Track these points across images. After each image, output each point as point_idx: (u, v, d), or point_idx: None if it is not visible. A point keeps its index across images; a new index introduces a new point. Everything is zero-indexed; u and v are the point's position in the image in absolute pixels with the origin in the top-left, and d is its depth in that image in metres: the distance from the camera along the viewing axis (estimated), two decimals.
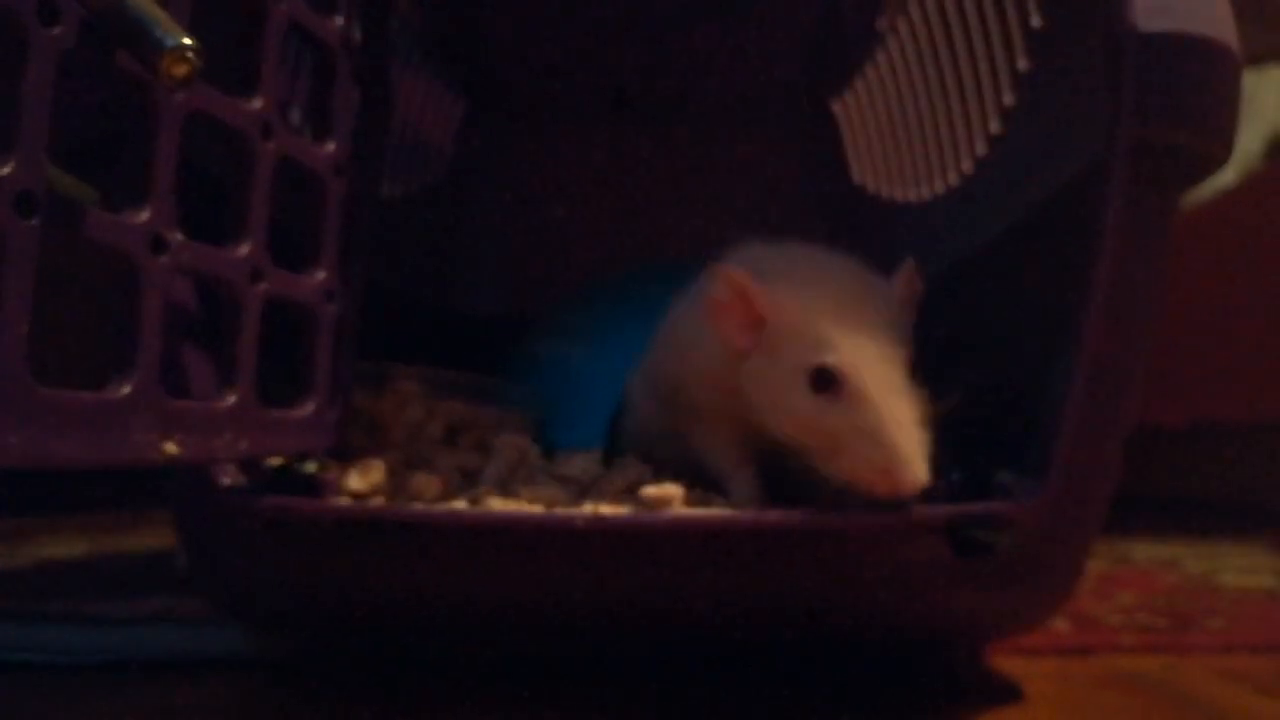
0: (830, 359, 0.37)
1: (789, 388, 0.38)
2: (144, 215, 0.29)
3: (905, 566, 0.37)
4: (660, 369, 0.50)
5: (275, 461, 0.38)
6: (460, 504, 0.40)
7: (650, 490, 0.40)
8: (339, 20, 0.40)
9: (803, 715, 0.36)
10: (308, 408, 0.39)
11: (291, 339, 0.39)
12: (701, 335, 0.42)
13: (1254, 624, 0.52)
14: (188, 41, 0.26)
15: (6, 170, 0.23)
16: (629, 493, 0.44)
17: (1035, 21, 0.50)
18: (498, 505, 0.39)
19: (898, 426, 0.36)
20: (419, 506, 0.40)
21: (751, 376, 0.40)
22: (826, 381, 0.37)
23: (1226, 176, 0.96)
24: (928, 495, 0.40)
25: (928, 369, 0.39)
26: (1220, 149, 0.36)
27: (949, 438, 0.40)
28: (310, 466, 0.38)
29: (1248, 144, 0.97)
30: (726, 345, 0.41)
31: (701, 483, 0.43)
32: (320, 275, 0.39)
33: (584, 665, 0.43)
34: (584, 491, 0.46)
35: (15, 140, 0.23)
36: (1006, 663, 0.44)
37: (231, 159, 0.34)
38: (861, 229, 0.79)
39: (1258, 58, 0.99)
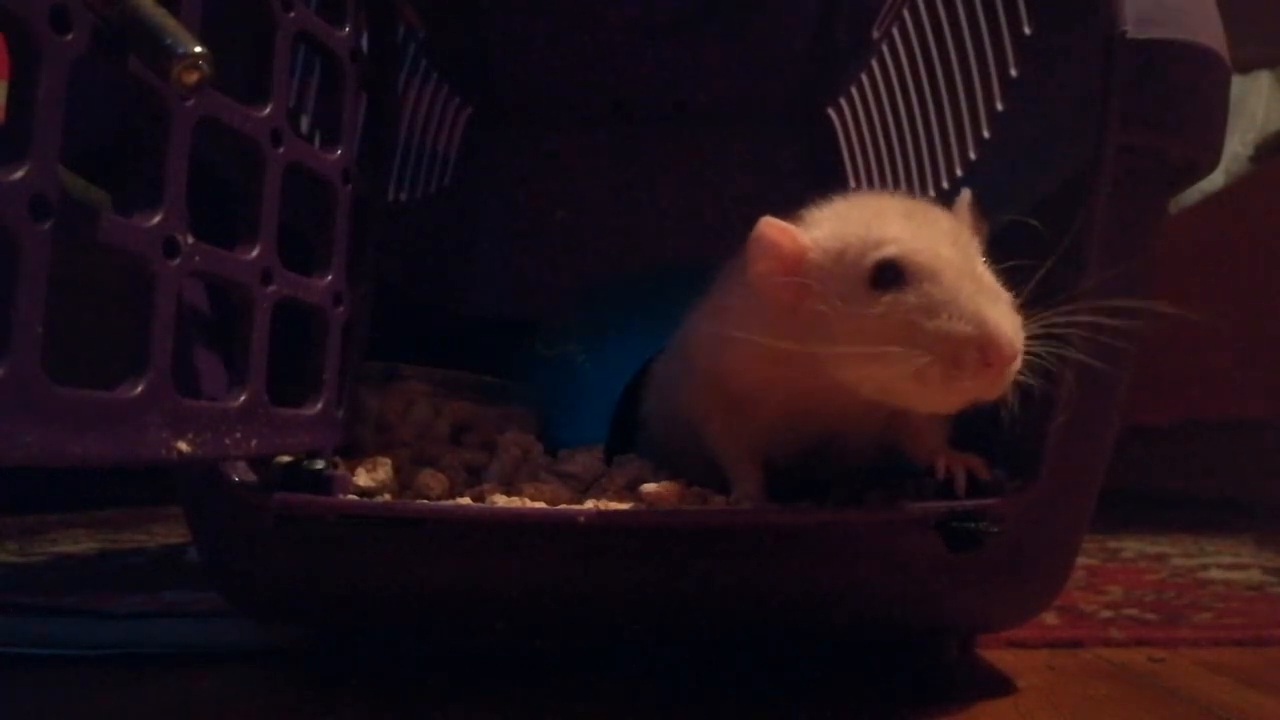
0: (889, 251, 0.34)
1: (849, 303, 0.35)
2: (156, 219, 0.29)
3: (900, 561, 0.37)
4: (693, 364, 0.47)
5: (285, 459, 0.39)
6: (465, 500, 0.41)
7: (650, 487, 0.41)
8: (347, 30, 0.41)
9: (797, 706, 0.37)
10: (316, 406, 0.39)
11: (301, 340, 0.40)
12: (744, 312, 0.40)
13: (1240, 618, 0.53)
14: (199, 49, 0.27)
15: (20, 174, 0.23)
16: (630, 489, 0.45)
17: (1027, 29, 0.50)
18: (502, 501, 0.40)
19: (976, 292, 0.33)
20: (425, 503, 0.41)
21: (806, 322, 0.36)
22: (890, 277, 0.34)
23: (1214, 179, 0.97)
24: (919, 491, 0.41)
25: None
26: (1208, 156, 0.37)
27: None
28: (319, 464, 0.38)
29: (1235, 147, 0.98)
30: (773, 302, 0.37)
31: (700, 481, 0.44)
32: (329, 278, 0.40)
33: (586, 656, 0.44)
34: (586, 488, 0.47)
35: (28, 145, 0.24)
36: (998, 655, 0.45)
37: (242, 165, 0.35)
38: None
39: (1247, 64, 1.00)
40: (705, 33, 0.78)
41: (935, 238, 0.35)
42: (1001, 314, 0.33)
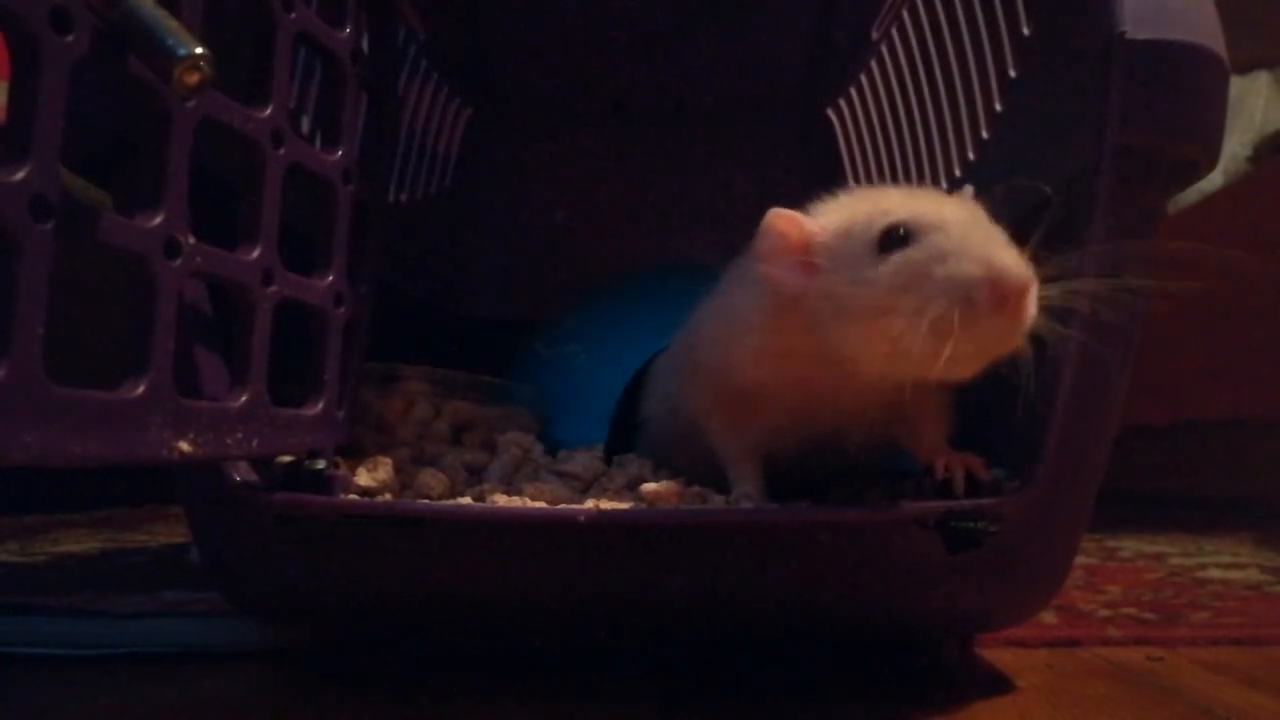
0: (896, 215, 0.35)
1: (859, 271, 0.35)
2: (157, 219, 0.29)
3: (899, 561, 0.37)
4: (698, 362, 0.47)
5: (286, 459, 0.39)
6: (466, 500, 0.41)
7: (650, 487, 0.41)
8: (348, 31, 0.41)
9: (797, 705, 0.37)
10: (317, 407, 0.39)
11: (302, 340, 0.40)
12: (750, 305, 0.41)
13: (1238, 617, 0.53)
14: (200, 51, 0.27)
15: (21, 175, 0.23)
16: (630, 489, 0.45)
17: (1026, 29, 0.51)
18: (502, 501, 0.40)
19: (985, 239, 0.33)
20: (425, 503, 0.41)
21: (818, 299, 0.37)
22: (899, 239, 0.35)
23: (1213, 179, 0.97)
24: (918, 491, 0.41)
25: None
26: (1207, 156, 0.37)
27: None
28: (320, 464, 0.38)
29: (1234, 148, 0.98)
30: (781, 289, 0.38)
31: (700, 481, 0.44)
32: (330, 278, 0.40)
33: (586, 655, 0.44)
34: (586, 488, 0.47)
35: (29, 146, 0.24)
36: (997, 654, 0.45)
37: (243, 165, 0.35)
38: None
39: (1247, 64, 1.00)
40: (705, 33, 0.78)
41: (941, 201, 0.36)
42: (1009, 255, 0.33)
